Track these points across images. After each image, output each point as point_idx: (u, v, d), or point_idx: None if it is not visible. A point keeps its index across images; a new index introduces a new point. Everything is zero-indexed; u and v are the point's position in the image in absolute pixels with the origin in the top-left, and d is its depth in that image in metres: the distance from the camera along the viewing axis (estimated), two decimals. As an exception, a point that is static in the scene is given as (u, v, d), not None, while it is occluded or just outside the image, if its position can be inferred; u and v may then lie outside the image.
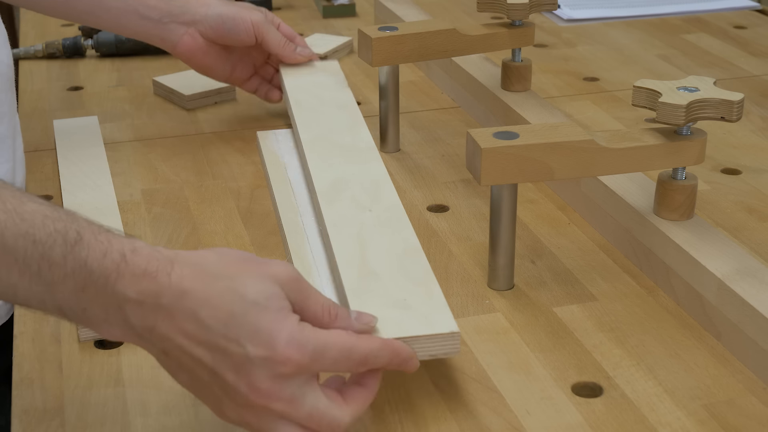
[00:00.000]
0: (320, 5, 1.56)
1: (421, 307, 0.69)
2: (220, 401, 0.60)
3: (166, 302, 0.58)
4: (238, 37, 1.07)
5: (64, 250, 0.57)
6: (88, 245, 0.58)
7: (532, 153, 0.77)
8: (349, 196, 0.85)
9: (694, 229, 0.81)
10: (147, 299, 0.58)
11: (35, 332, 0.76)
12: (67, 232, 0.58)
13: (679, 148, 0.80)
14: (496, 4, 1.04)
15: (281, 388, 0.59)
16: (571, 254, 0.87)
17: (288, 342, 0.59)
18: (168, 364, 0.61)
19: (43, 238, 0.57)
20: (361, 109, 1.19)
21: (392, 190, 0.86)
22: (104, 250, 0.58)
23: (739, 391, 0.70)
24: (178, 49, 1.07)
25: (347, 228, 0.80)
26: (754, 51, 1.37)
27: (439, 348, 0.67)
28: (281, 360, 0.58)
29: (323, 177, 0.89)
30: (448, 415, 0.67)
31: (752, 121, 1.13)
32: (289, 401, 0.59)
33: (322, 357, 0.60)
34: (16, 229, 0.56)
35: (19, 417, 0.67)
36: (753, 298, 0.72)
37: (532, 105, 1.05)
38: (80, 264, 0.57)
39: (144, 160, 1.05)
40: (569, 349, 0.74)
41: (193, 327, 0.58)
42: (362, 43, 1.03)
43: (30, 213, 0.57)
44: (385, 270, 0.74)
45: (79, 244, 0.57)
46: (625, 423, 0.67)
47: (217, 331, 0.58)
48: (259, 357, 0.58)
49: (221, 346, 0.58)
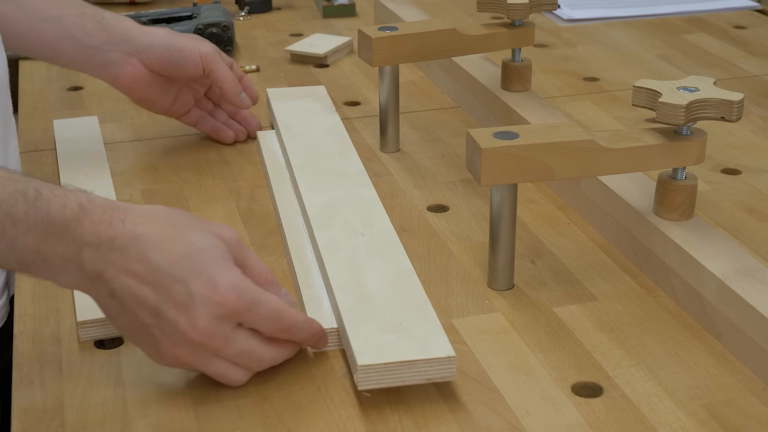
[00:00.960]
0: (320, 5, 1.56)
1: (416, 331, 0.70)
2: (157, 342, 0.65)
3: (119, 244, 0.64)
4: (185, 69, 1.01)
5: (26, 206, 0.62)
6: (47, 200, 0.63)
7: (532, 153, 0.77)
8: (342, 220, 0.85)
9: (694, 229, 0.81)
10: (102, 243, 0.63)
11: (35, 332, 0.76)
12: (26, 190, 0.63)
13: (679, 148, 0.80)
14: (496, 4, 1.04)
15: (217, 327, 0.64)
16: (571, 254, 0.87)
17: (229, 286, 0.64)
18: (111, 308, 0.65)
19: (5, 197, 0.62)
20: (361, 109, 1.19)
21: (384, 215, 0.87)
22: (63, 203, 0.63)
23: (739, 391, 0.70)
24: (119, 81, 1.01)
25: (340, 252, 0.80)
26: (754, 51, 1.37)
27: (436, 372, 0.68)
28: (221, 301, 0.64)
29: (315, 202, 0.88)
30: (448, 415, 0.67)
31: (752, 121, 1.13)
32: (224, 339, 0.65)
33: (256, 309, 0.65)
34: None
35: (19, 417, 0.67)
36: (753, 298, 0.72)
37: (532, 105, 1.05)
38: (42, 217, 0.62)
39: (144, 160, 1.05)
40: (569, 349, 0.74)
41: (141, 267, 0.64)
42: (362, 43, 1.03)
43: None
44: (379, 294, 0.74)
45: (40, 200, 0.63)
46: (625, 423, 0.67)
47: (164, 271, 0.64)
48: (201, 296, 0.64)
49: (166, 286, 0.64)
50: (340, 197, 0.89)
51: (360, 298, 0.74)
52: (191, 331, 0.64)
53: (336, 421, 0.67)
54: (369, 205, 0.88)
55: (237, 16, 1.55)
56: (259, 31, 1.49)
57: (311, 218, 0.86)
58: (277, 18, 1.56)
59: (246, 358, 0.67)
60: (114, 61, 1.00)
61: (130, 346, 0.74)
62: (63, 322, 0.77)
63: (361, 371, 0.66)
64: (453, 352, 0.68)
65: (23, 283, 0.83)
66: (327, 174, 0.94)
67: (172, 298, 0.64)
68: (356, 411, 0.68)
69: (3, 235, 0.62)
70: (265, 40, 1.45)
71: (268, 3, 1.58)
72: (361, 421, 0.67)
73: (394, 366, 0.67)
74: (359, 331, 0.70)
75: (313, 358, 0.73)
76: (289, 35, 1.47)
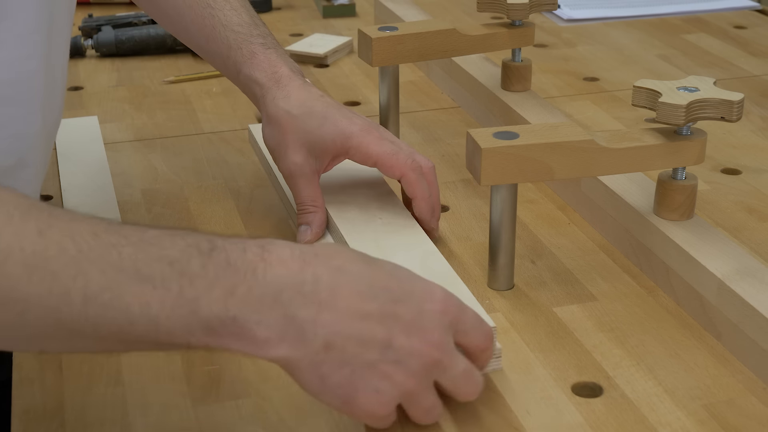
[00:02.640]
0: (320, 5, 1.56)
1: None
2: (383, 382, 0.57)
3: (326, 281, 0.55)
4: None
5: (202, 260, 0.53)
6: (223, 248, 0.54)
7: (532, 153, 0.77)
8: (356, 206, 0.86)
9: (694, 229, 0.81)
10: (306, 282, 0.55)
11: (35, 332, 0.76)
12: (198, 243, 0.54)
13: (679, 148, 0.80)
14: (496, 4, 1.04)
15: (448, 340, 0.60)
16: (571, 254, 0.87)
17: (442, 292, 0.60)
18: (324, 364, 0.56)
19: (178, 255, 0.53)
20: (361, 109, 1.19)
21: (396, 198, 0.88)
22: (242, 248, 0.55)
23: (739, 391, 0.70)
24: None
25: (363, 234, 0.81)
26: (754, 51, 1.37)
27: None
28: (444, 309, 0.59)
29: (325, 188, 0.89)
30: (448, 415, 0.67)
31: (752, 121, 1.13)
32: (451, 355, 0.60)
33: (465, 316, 0.61)
34: (146, 255, 0.52)
35: (19, 417, 0.67)
36: (753, 298, 0.72)
37: (532, 105, 1.06)
38: (223, 266, 0.53)
39: (144, 160, 1.05)
40: (569, 349, 0.74)
41: (357, 301, 0.56)
42: (362, 43, 1.03)
43: (156, 237, 0.54)
44: None
45: (216, 250, 0.54)
46: (625, 423, 0.67)
47: (383, 297, 0.57)
48: (428, 311, 0.59)
49: (391, 311, 0.57)
50: (349, 183, 0.90)
51: None
52: (427, 347, 0.58)
53: (336, 421, 0.67)
54: (379, 189, 0.89)
55: (237, 16, 1.55)
56: (259, 31, 1.49)
57: (327, 202, 0.86)
58: (277, 18, 1.56)
59: (466, 379, 0.61)
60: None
61: (130, 346, 0.74)
62: (63, 322, 0.77)
63: None
64: (492, 322, 0.69)
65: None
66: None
67: (400, 322, 0.57)
68: (356, 411, 0.68)
69: (181, 298, 0.52)
70: (265, 40, 1.45)
71: (268, 3, 1.58)
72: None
73: None
74: None
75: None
76: (289, 35, 1.47)
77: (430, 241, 0.81)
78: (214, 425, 0.67)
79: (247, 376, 0.71)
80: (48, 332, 0.51)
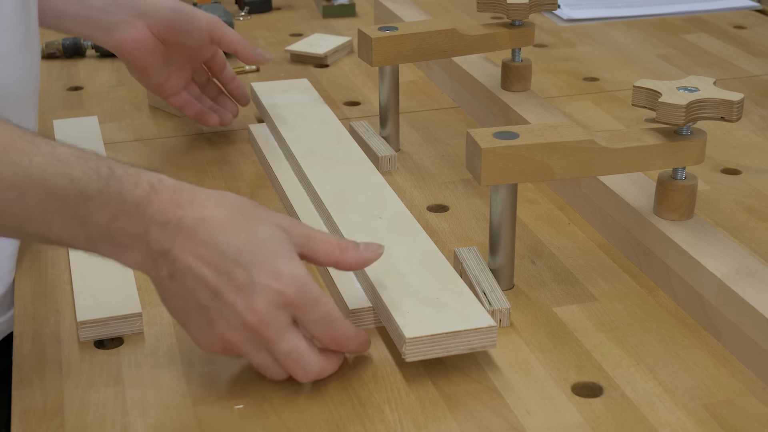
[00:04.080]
0: (320, 5, 1.56)
1: (453, 304, 0.72)
2: (211, 325, 0.65)
3: (186, 225, 0.64)
4: (191, 34, 0.99)
5: (99, 184, 0.63)
6: (120, 178, 0.64)
7: (532, 153, 0.77)
8: (356, 205, 0.87)
9: (694, 229, 0.81)
10: (170, 223, 0.64)
11: (35, 332, 0.76)
12: (99, 168, 0.63)
13: (679, 148, 0.80)
14: (496, 4, 1.04)
15: (274, 316, 0.65)
16: (571, 254, 0.87)
17: (291, 277, 0.65)
18: (168, 289, 0.66)
19: (80, 175, 0.62)
20: (361, 109, 1.19)
21: (396, 198, 0.88)
22: (135, 182, 0.64)
23: (739, 391, 0.70)
24: (123, 45, 0.98)
25: (362, 235, 0.81)
26: (754, 51, 1.37)
27: (478, 342, 0.70)
28: (281, 289, 0.64)
29: (326, 188, 0.90)
30: (448, 415, 0.67)
31: (752, 121, 1.13)
32: (276, 331, 0.65)
33: (313, 307, 0.66)
34: (54, 169, 0.62)
35: (19, 417, 0.67)
36: (753, 298, 0.72)
37: (532, 105, 1.05)
38: (114, 195, 0.63)
39: (144, 160, 1.05)
40: (569, 349, 0.74)
41: (206, 250, 0.64)
42: (362, 43, 1.03)
43: (64, 155, 0.63)
44: (409, 271, 0.76)
45: (113, 177, 0.63)
46: (625, 423, 0.67)
47: (228, 255, 0.64)
48: (262, 283, 0.64)
49: (229, 270, 0.64)
50: (350, 183, 0.91)
51: (392, 276, 0.76)
52: (248, 314, 0.64)
53: (336, 421, 0.67)
54: (379, 189, 0.90)
55: (237, 16, 1.55)
56: (259, 31, 1.49)
57: (327, 204, 0.87)
58: (277, 18, 1.56)
59: (293, 360, 0.67)
60: (119, 23, 0.98)
61: (129, 346, 0.74)
62: (63, 322, 0.77)
63: (408, 344, 0.69)
64: (493, 322, 0.70)
65: (23, 283, 0.83)
66: (331, 162, 0.95)
67: (233, 282, 0.64)
68: (356, 411, 0.68)
69: (75, 212, 0.62)
70: (265, 40, 1.45)
71: (268, 3, 1.58)
72: (361, 421, 0.67)
73: (439, 337, 0.69)
74: (399, 306, 0.72)
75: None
76: (289, 35, 1.47)
77: (430, 241, 0.81)
78: (214, 425, 0.67)
79: (247, 376, 0.71)
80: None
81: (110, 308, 0.76)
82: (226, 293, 0.64)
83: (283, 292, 0.65)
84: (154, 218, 0.64)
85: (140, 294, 0.79)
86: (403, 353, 0.69)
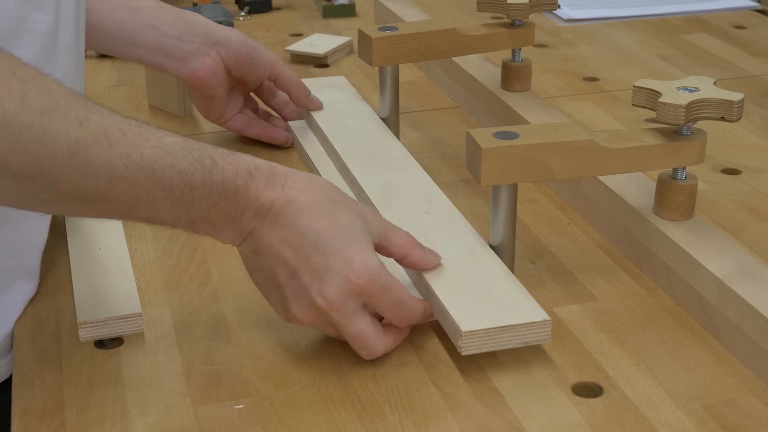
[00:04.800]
0: (320, 5, 1.56)
1: (507, 299, 0.73)
2: (287, 302, 0.70)
3: (276, 207, 0.69)
4: (256, 69, 1.02)
5: (203, 175, 0.67)
6: (222, 168, 0.68)
7: (532, 153, 0.77)
8: (403, 201, 0.87)
9: (694, 229, 0.81)
10: (262, 206, 0.69)
11: (35, 332, 0.76)
12: (203, 159, 0.68)
13: (679, 148, 0.80)
14: (496, 4, 1.04)
15: (343, 303, 0.69)
16: (571, 254, 0.87)
17: (363, 267, 0.68)
18: (252, 261, 0.71)
19: (185, 167, 0.67)
20: (361, 109, 1.19)
21: (441, 194, 0.88)
22: (235, 170, 0.69)
23: (739, 391, 0.70)
24: (198, 73, 1.00)
25: (412, 230, 0.80)
26: (754, 51, 1.37)
27: (533, 336, 0.71)
28: (353, 279, 0.68)
29: (372, 183, 0.90)
30: (448, 415, 0.67)
31: (752, 121, 1.13)
32: (344, 316, 0.69)
33: (384, 294, 0.70)
34: (162, 161, 0.65)
35: (19, 417, 0.67)
36: (753, 298, 0.72)
37: (532, 105, 1.05)
38: (217, 185, 0.68)
39: (144, 160, 1.05)
40: (569, 349, 0.74)
41: (289, 231, 0.69)
42: (362, 43, 1.03)
43: (170, 145, 0.67)
44: (461, 266, 0.77)
45: (215, 168, 0.68)
46: (625, 423, 0.67)
47: (308, 238, 0.69)
48: (335, 271, 0.68)
49: (307, 253, 0.69)
50: (395, 179, 0.91)
51: (444, 271, 0.76)
52: (319, 298, 0.68)
53: (336, 421, 0.67)
54: (425, 185, 0.90)
55: (237, 16, 1.55)
56: (259, 31, 1.49)
57: (373, 200, 0.87)
58: (277, 18, 1.56)
59: (359, 342, 0.70)
60: (194, 52, 1.00)
61: (130, 346, 0.74)
62: (63, 322, 0.77)
63: (464, 337, 0.69)
64: (548, 316, 0.71)
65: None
66: (375, 158, 0.95)
67: (310, 265, 0.68)
68: (356, 411, 0.68)
69: (181, 200, 0.67)
70: (265, 40, 1.45)
71: (268, 3, 1.58)
72: (361, 421, 0.67)
73: (494, 331, 0.70)
74: (454, 300, 0.72)
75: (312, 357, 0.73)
76: (289, 35, 1.47)
77: (479, 237, 0.81)
78: (214, 425, 0.67)
79: (247, 376, 0.71)
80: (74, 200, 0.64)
81: (110, 308, 0.76)
82: (302, 275, 0.68)
83: (355, 282, 0.68)
84: (249, 203, 0.69)
85: (140, 294, 0.79)
86: (458, 347, 0.70)
